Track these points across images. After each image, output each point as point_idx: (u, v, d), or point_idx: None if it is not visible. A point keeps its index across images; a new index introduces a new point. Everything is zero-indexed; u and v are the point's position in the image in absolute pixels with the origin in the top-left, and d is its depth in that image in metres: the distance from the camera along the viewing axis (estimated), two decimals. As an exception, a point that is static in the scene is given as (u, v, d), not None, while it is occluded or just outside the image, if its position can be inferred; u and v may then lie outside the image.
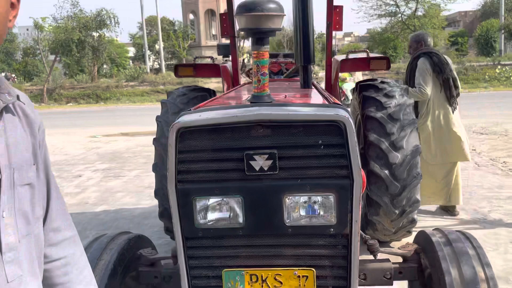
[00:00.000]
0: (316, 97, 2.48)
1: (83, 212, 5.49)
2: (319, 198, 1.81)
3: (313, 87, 2.77)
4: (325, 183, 1.79)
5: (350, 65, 3.68)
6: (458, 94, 4.69)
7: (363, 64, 3.64)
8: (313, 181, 1.79)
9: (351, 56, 3.79)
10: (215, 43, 46.45)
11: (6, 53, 38.94)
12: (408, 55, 6.99)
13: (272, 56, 4.34)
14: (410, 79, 4.73)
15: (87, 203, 5.90)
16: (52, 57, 29.79)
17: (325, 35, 3.73)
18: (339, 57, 4.07)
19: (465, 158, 4.75)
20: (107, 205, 5.77)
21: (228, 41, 4.11)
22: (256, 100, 1.81)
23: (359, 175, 1.73)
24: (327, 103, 2.12)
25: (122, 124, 14.30)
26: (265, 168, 1.78)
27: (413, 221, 3.66)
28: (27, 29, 37.79)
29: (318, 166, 1.79)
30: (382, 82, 3.79)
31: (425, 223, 4.47)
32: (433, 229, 2.35)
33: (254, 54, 1.75)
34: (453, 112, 4.66)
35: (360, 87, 3.84)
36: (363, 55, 3.83)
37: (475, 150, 7.85)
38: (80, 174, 7.65)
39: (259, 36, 1.73)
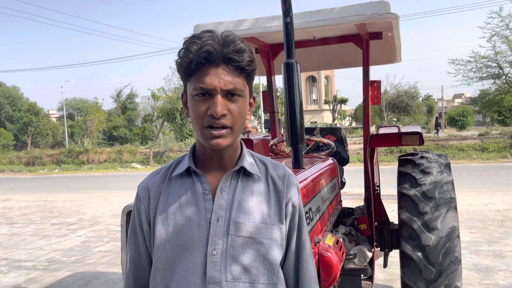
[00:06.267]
0: None
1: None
2: None
3: (310, 166, 2.76)
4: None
5: (380, 141, 3.58)
6: None
7: (394, 140, 3.52)
8: None
9: (382, 131, 3.69)
10: (315, 107, 47.31)
11: (128, 119, 43.85)
12: None
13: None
14: None
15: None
16: (166, 123, 32.90)
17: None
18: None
19: None
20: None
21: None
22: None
23: None
24: None
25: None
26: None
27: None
28: (148, 99, 42.41)
29: None
30: (422, 157, 3.61)
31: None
32: None
33: None
34: None
35: (399, 161, 3.70)
36: (395, 129, 3.70)
37: None
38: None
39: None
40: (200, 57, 1.17)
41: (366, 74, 3.62)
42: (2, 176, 26.80)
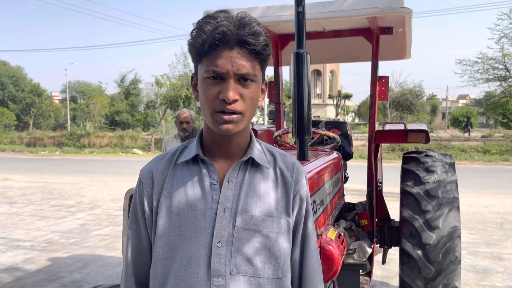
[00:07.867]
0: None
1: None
2: None
3: (315, 158, 2.74)
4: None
5: (386, 137, 3.55)
6: None
7: (400, 136, 3.49)
8: None
9: (387, 127, 3.66)
10: (319, 101, 47.18)
11: (131, 105, 43.78)
12: None
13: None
14: None
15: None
16: (169, 110, 32.80)
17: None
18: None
19: None
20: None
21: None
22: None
23: None
24: None
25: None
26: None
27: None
28: (152, 85, 42.32)
29: None
30: (427, 155, 3.59)
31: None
32: None
33: None
34: None
35: (403, 159, 3.68)
36: (401, 126, 3.67)
37: None
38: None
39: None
40: (214, 38, 1.11)
41: (374, 69, 3.59)
42: (3, 156, 26.86)
